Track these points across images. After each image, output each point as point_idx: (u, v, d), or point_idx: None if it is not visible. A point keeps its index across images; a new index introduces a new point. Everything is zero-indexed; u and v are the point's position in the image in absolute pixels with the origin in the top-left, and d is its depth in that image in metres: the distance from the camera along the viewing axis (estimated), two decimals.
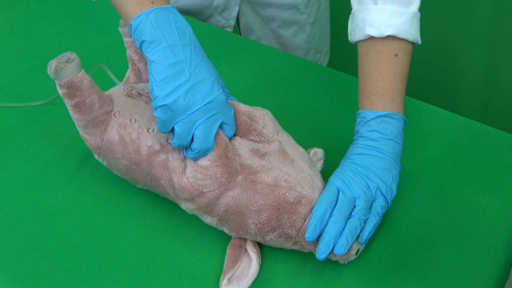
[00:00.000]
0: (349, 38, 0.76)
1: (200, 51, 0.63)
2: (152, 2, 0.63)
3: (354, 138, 0.72)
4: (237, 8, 1.14)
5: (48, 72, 0.66)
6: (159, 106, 0.60)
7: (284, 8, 1.13)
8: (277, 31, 1.18)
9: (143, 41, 0.62)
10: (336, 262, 0.65)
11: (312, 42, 1.21)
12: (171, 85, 0.60)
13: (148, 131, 0.67)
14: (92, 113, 0.69)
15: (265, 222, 0.62)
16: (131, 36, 0.64)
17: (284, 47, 1.21)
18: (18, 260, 0.68)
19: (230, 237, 0.68)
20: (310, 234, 0.61)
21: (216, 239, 0.69)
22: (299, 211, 0.63)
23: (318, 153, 0.76)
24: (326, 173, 0.73)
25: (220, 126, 0.64)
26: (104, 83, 0.76)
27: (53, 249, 0.69)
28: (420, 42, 0.72)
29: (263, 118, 0.67)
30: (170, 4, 0.65)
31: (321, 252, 0.61)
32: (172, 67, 0.60)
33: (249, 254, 0.66)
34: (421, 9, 0.73)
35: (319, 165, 0.75)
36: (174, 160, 0.65)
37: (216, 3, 1.12)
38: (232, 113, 0.65)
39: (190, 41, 0.62)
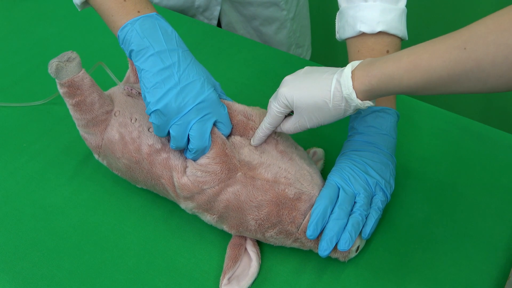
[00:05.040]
0: (337, 36, 0.77)
1: (188, 55, 0.64)
2: (138, 11, 0.64)
3: (349, 134, 0.72)
4: (218, 8, 1.14)
5: (49, 71, 0.66)
6: (152, 112, 0.62)
7: (265, 6, 1.14)
8: (259, 28, 1.18)
9: (131, 51, 0.63)
10: (336, 261, 0.65)
11: (293, 37, 1.22)
12: (161, 90, 0.61)
13: (149, 130, 0.67)
14: (93, 112, 0.69)
15: (265, 218, 0.62)
16: (120, 46, 0.65)
17: (267, 44, 1.21)
18: (18, 260, 0.68)
19: (230, 237, 0.68)
20: (311, 232, 0.61)
21: (216, 239, 0.69)
22: (299, 207, 0.63)
23: (317, 152, 0.76)
24: (325, 173, 0.73)
25: (215, 125, 0.64)
26: (104, 83, 0.76)
27: (53, 249, 0.69)
28: (407, 38, 0.73)
29: (260, 117, 0.67)
30: (155, 11, 0.66)
31: (324, 249, 0.61)
32: (161, 73, 0.62)
33: (249, 254, 0.66)
34: (423, 7, 0.73)
35: (319, 164, 0.75)
36: (175, 159, 0.65)
37: (197, 3, 1.13)
38: (226, 111, 0.65)
39: (177, 46, 0.64)
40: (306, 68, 0.64)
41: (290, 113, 0.65)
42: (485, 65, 0.49)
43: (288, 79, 0.63)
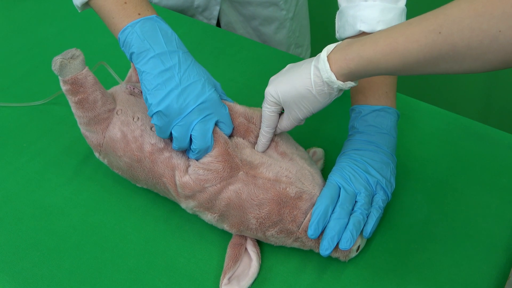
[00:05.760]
0: (337, 35, 0.77)
1: (188, 56, 0.65)
2: (139, 14, 0.64)
3: (350, 133, 0.72)
4: (218, 8, 1.14)
5: (53, 68, 0.66)
6: (154, 113, 0.62)
7: (265, 6, 1.14)
8: (259, 28, 1.18)
9: (132, 53, 0.64)
10: (337, 261, 0.65)
11: (293, 37, 1.22)
12: (162, 92, 0.62)
13: (151, 129, 0.68)
14: (95, 110, 0.69)
15: (266, 216, 0.63)
16: (121, 48, 0.65)
17: (266, 44, 1.21)
18: (18, 260, 0.68)
19: (230, 237, 0.68)
20: (313, 231, 0.61)
21: (216, 239, 0.69)
22: (300, 206, 0.63)
23: (317, 152, 0.76)
24: (326, 173, 0.73)
25: (217, 125, 0.64)
26: (105, 83, 0.76)
27: (53, 249, 0.69)
28: None
29: (260, 119, 0.68)
30: (155, 13, 0.66)
31: (325, 248, 0.61)
32: (162, 74, 0.62)
33: (249, 254, 0.66)
34: (423, 8, 0.74)
35: (319, 164, 0.76)
36: (178, 158, 0.65)
37: (197, 3, 1.13)
38: (227, 111, 0.66)
39: (177, 48, 0.64)
40: (288, 65, 0.65)
41: (283, 111, 0.65)
42: (460, 49, 0.49)
43: (272, 78, 0.64)
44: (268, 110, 0.64)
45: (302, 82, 0.60)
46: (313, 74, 0.59)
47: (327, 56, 0.58)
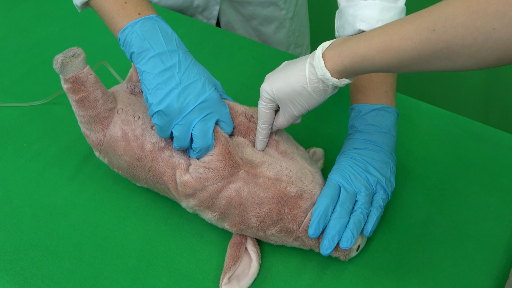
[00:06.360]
0: (337, 34, 0.77)
1: (188, 55, 0.65)
2: (139, 13, 0.65)
3: (349, 132, 0.73)
4: (217, 7, 1.14)
5: (54, 66, 0.66)
6: (155, 113, 0.62)
7: (264, 6, 1.14)
8: (258, 28, 1.19)
9: (132, 53, 0.64)
10: (337, 261, 0.65)
11: (292, 37, 1.22)
12: (163, 91, 0.62)
13: (152, 128, 0.68)
14: (96, 109, 0.69)
15: (266, 215, 0.63)
16: (121, 48, 0.65)
17: (266, 44, 1.21)
18: (18, 260, 0.68)
19: (230, 237, 0.68)
20: (313, 230, 0.61)
21: (216, 238, 0.69)
22: (300, 205, 0.63)
23: (317, 152, 0.76)
24: (326, 172, 0.73)
25: (217, 124, 0.65)
26: (106, 83, 0.76)
27: (53, 249, 0.69)
28: None
29: None
30: (155, 12, 0.66)
31: (326, 248, 0.61)
32: (162, 74, 0.62)
33: (249, 254, 0.66)
34: (422, 6, 0.74)
35: (319, 164, 0.76)
36: (179, 157, 0.66)
37: (196, 3, 1.13)
38: (227, 110, 0.66)
39: (177, 47, 0.64)
40: (284, 62, 0.65)
41: (278, 109, 0.66)
42: (454, 46, 0.49)
43: (267, 75, 0.65)
44: (263, 107, 0.64)
45: (297, 79, 0.60)
46: (308, 71, 0.59)
47: (322, 53, 0.58)
